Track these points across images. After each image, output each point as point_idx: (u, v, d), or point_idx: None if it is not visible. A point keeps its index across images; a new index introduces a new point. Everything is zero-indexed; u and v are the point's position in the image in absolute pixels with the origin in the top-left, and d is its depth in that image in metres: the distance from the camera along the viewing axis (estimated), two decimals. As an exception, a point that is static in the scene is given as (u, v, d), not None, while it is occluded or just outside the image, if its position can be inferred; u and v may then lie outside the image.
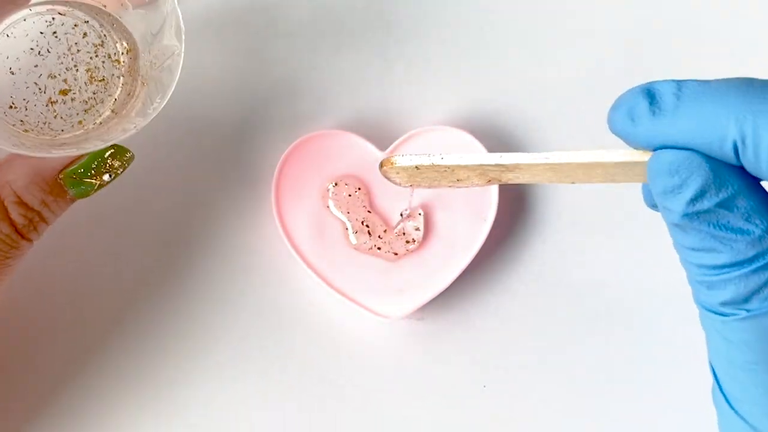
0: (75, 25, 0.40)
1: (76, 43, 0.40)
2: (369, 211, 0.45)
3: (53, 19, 0.40)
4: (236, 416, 0.44)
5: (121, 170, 0.39)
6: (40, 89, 0.39)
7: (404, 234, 0.45)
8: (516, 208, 0.46)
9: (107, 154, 0.38)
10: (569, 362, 0.45)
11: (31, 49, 0.39)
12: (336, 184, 0.45)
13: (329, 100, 0.46)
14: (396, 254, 0.44)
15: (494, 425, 0.45)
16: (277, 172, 0.44)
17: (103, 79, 0.40)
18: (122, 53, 0.40)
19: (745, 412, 0.28)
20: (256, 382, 0.44)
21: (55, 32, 0.40)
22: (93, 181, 0.39)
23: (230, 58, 0.47)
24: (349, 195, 0.45)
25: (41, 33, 0.40)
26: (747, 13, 0.48)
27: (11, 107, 0.39)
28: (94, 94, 0.40)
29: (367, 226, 0.45)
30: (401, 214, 0.44)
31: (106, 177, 0.39)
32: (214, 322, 0.45)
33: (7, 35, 0.39)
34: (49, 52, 0.40)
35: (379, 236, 0.45)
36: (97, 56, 0.40)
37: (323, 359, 0.45)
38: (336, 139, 0.45)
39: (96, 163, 0.38)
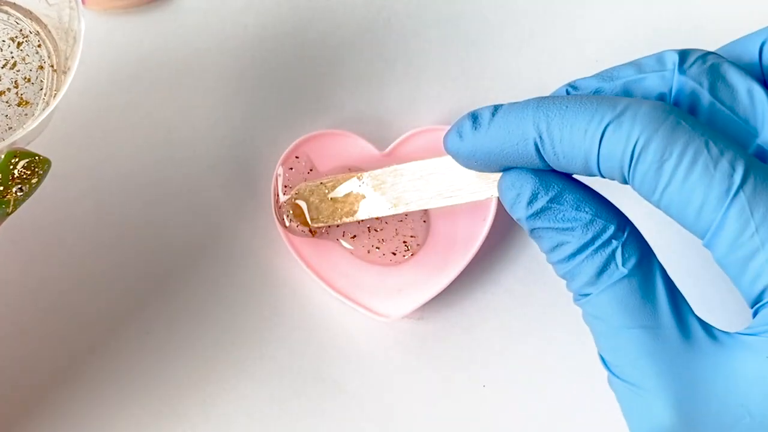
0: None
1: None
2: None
3: None
4: (236, 416, 0.44)
5: (36, 179, 0.35)
6: None
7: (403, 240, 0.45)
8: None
9: (10, 163, 0.35)
10: (569, 362, 0.45)
11: None
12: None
13: (329, 100, 0.47)
14: (394, 254, 0.44)
15: (494, 425, 0.45)
16: (277, 171, 0.44)
17: (28, 79, 0.40)
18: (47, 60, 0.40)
19: (626, 375, 0.32)
20: (255, 381, 0.44)
21: None
22: (5, 198, 0.35)
23: (229, 58, 0.47)
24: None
25: None
26: (747, 13, 0.48)
27: None
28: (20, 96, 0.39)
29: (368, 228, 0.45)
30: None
31: (17, 191, 0.35)
32: (213, 322, 0.45)
33: None
34: None
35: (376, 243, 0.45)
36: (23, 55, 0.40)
37: (322, 359, 0.45)
38: (336, 139, 0.45)
39: (0, 176, 0.35)
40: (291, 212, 0.43)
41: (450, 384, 0.45)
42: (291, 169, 0.44)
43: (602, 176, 0.32)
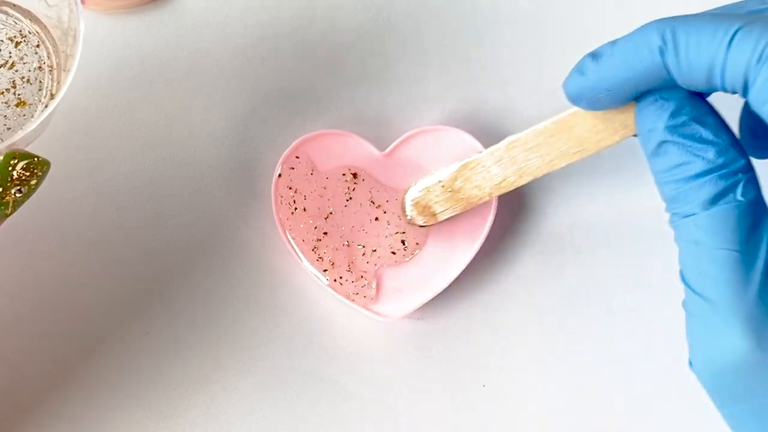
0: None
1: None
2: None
3: None
4: (236, 416, 0.44)
5: (35, 181, 0.35)
6: None
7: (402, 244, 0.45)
8: (515, 207, 0.46)
9: (10, 165, 0.34)
10: (569, 362, 0.45)
11: None
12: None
13: (329, 100, 0.47)
14: (394, 253, 0.44)
15: (494, 425, 0.45)
16: (277, 171, 0.44)
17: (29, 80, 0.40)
18: (45, 60, 0.40)
19: (709, 293, 0.33)
20: (255, 381, 0.44)
21: None
22: (4, 199, 0.35)
23: (229, 58, 0.47)
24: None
25: None
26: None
27: None
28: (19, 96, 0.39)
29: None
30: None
31: (16, 192, 0.35)
32: (214, 321, 0.45)
33: None
34: None
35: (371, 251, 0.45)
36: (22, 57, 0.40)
37: (322, 359, 0.45)
38: (336, 139, 0.45)
39: None
40: (415, 212, 0.43)
41: (450, 384, 0.45)
42: (292, 168, 0.44)
43: (723, 87, 0.32)
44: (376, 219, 0.45)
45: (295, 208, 0.44)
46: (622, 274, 0.46)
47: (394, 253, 0.44)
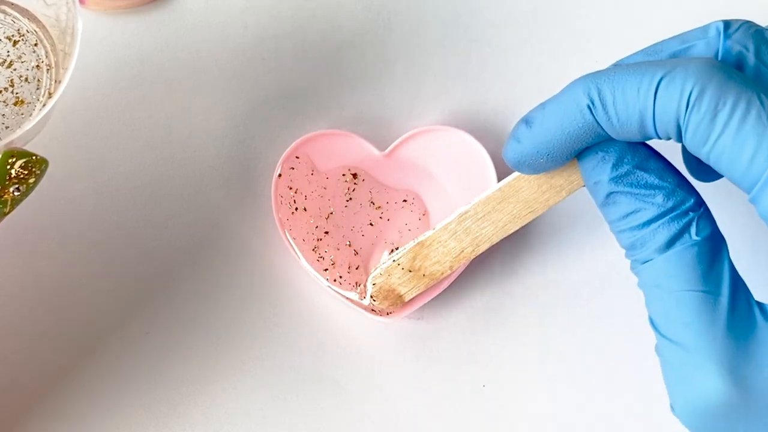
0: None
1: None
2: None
3: None
4: (236, 416, 0.44)
5: (33, 179, 0.35)
6: None
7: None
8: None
9: (8, 163, 0.34)
10: (569, 362, 0.45)
11: None
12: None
13: (329, 100, 0.47)
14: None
15: (494, 425, 0.45)
16: (277, 171, 0.44)
17: (27, 79, 0.40)
18: (44, 60, 0.40)
19: (680, 337, 0.32)
20: (255, 381, 0.44)
21: None
22: (4, 197, 0.35)
23: (229, 58, 0.47)
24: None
25: None
26: (745, 12, 0.48)
27: None
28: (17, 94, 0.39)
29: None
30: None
31: (14, 191, 0.35)
32: (213, 321, 0.45)
33: None
34: None
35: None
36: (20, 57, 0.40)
37: (322, 359, 0.45)
38: (336, 139, 0.45)
39: None
40: (379, 297, 0.43)
41: (450, 384, 0.45)
42: (292, 168, 0.44)
43: (657, 135, 0.32)
44: (380, 218, 0.45)
45: (296, 208, 0.44)
46: (623, 274, 0.46)
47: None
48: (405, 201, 0.45)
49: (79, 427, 0.43)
